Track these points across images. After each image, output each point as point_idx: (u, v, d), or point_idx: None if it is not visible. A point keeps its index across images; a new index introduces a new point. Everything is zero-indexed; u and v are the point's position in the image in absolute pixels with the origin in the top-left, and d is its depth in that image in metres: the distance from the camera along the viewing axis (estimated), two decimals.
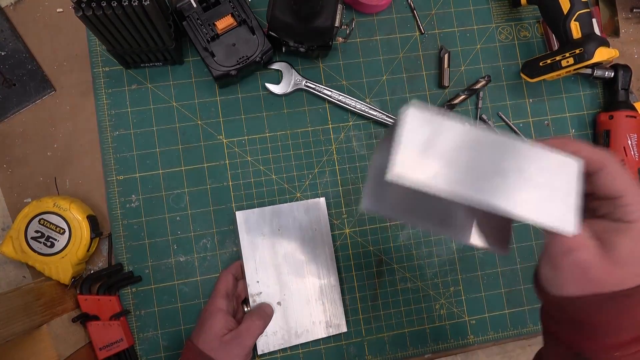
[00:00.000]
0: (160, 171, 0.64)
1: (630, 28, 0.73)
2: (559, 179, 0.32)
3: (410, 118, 0.31)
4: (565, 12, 0.60)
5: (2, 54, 0.63)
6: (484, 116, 0.68)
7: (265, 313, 0.58)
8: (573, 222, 0.31)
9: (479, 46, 0.70)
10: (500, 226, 0.40)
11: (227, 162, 0.65)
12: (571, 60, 0.61)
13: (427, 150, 0.30)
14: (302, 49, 0.62)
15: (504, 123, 0.69)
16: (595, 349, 0.34)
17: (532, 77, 0.66)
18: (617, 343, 0.33)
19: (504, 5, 0.71)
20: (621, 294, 0.32)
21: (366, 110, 0.66)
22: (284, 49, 0.64)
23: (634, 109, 0.67)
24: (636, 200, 0.32)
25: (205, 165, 0.64)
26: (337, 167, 0.66)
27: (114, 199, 0.63)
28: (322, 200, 0.63)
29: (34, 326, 0.52)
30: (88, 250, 0.58)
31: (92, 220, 0.59)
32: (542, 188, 0.31)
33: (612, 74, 0.68)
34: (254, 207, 0.63)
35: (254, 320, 0.56)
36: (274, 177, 0.65)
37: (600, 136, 0.68)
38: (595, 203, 0.35)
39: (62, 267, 0.57)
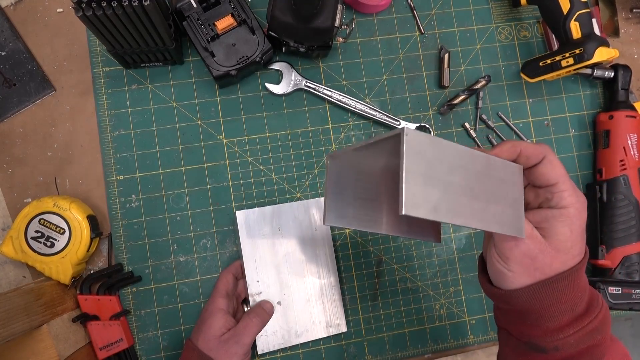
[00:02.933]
0: (160, 171, 0.64)
1: (630, 28, 0.73)
2: (509, 188, 0.36)
3: (407, 150, 0.31)
4: (565, 12, 0.60)
5: (2, 54, 0.63)
6: (483, 116, 0.68)
7: (263, 311, 0.58)
8: (522, 227, 0.36)
9: (479, 46, 0.70)
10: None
11: (227, 162, 0.65)
12: (571, 60, 0.61)
13: (428, 180, 0.32)
14: (302, 49, 0.62)
15: (503, 123, 0.69)
16: (541, 335, 0.37)
17: (532, 77, 0.66)
18: (558, 327, 0.37)
19: (504, 5, 0.71)
20: (557, 277, 0.36)
21: (366, 110, 0.66)
22: (284, 49, 0.64)
23: (633, 109, 0.67)
24: (569, 186, 0.36)
25: (205, 165, 0.64)
26: None
27: (114, 199, 0.63)
28: (322, 200, 0.63)
29: (34, 326, 0.52)
30: (88, 250, 0.58)
31: (92, 220, 0.59)
32: (500, 200, 0.35)
33: (612, 74, 0.68)
34: (254, 207, 0.63)
35: (251, 318, 0.56)
36: (274, 177, 0.65)
37: (600, 136, 0.68)
38: (531, 195, 0.39)
39: (62, 267, 0.57)
